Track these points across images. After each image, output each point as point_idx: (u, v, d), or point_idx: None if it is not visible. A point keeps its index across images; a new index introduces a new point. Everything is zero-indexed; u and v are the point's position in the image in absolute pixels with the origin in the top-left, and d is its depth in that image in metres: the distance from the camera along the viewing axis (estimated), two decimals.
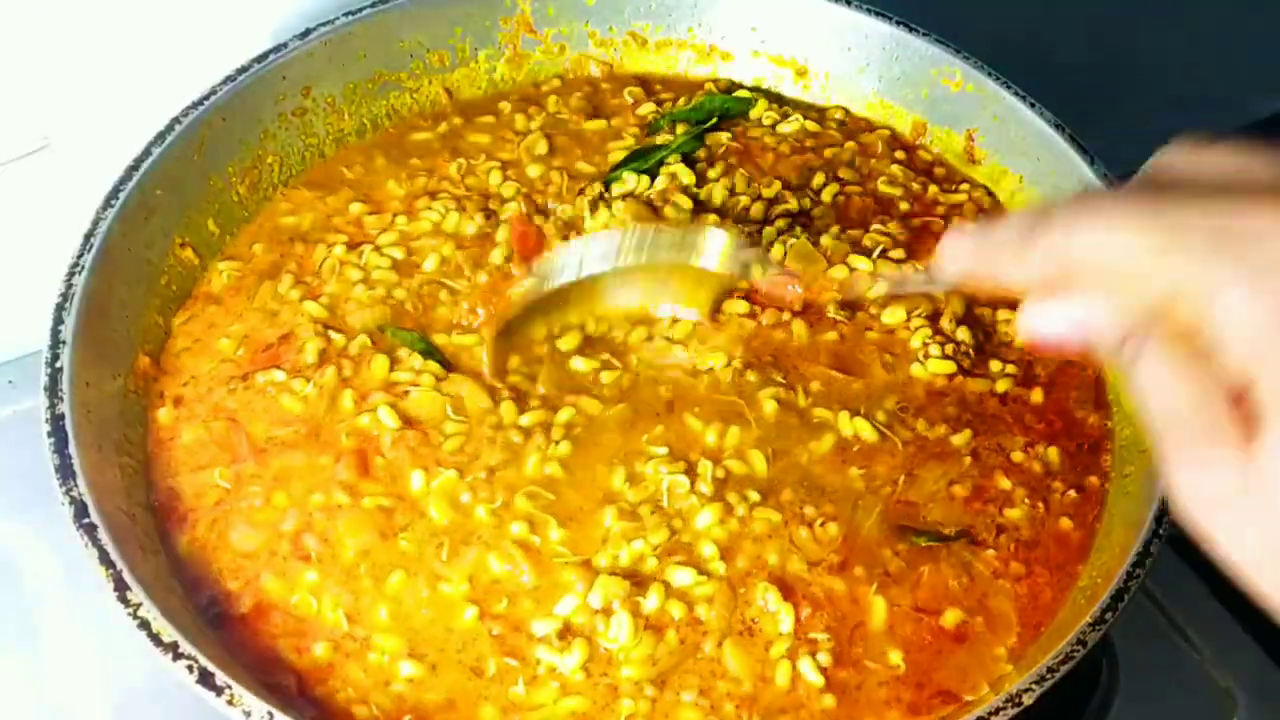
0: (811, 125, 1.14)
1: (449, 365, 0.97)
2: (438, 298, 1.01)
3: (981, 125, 1.11)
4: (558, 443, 0.92)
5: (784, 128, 1.13)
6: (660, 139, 1.12)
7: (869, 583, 0.88)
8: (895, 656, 0.85)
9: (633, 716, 0.82)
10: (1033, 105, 1.07)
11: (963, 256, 0.63)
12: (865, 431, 0.94)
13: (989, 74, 1.09)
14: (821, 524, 0.90)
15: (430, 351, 0.97)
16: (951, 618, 0.87)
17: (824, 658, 0.84)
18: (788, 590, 0.87)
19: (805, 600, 0.86)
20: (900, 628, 0.86)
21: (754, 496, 0.90)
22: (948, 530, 0.90)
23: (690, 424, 0.94)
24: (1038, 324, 0.59)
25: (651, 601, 0.85)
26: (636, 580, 0.86)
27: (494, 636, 0.85)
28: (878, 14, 1.12)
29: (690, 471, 0.91)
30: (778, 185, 1.08)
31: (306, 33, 1.08)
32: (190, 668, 0.77)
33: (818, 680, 0.84)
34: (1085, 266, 0.56)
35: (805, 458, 0.93)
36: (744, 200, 1.07)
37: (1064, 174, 1.05)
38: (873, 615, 0.87)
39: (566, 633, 0.85)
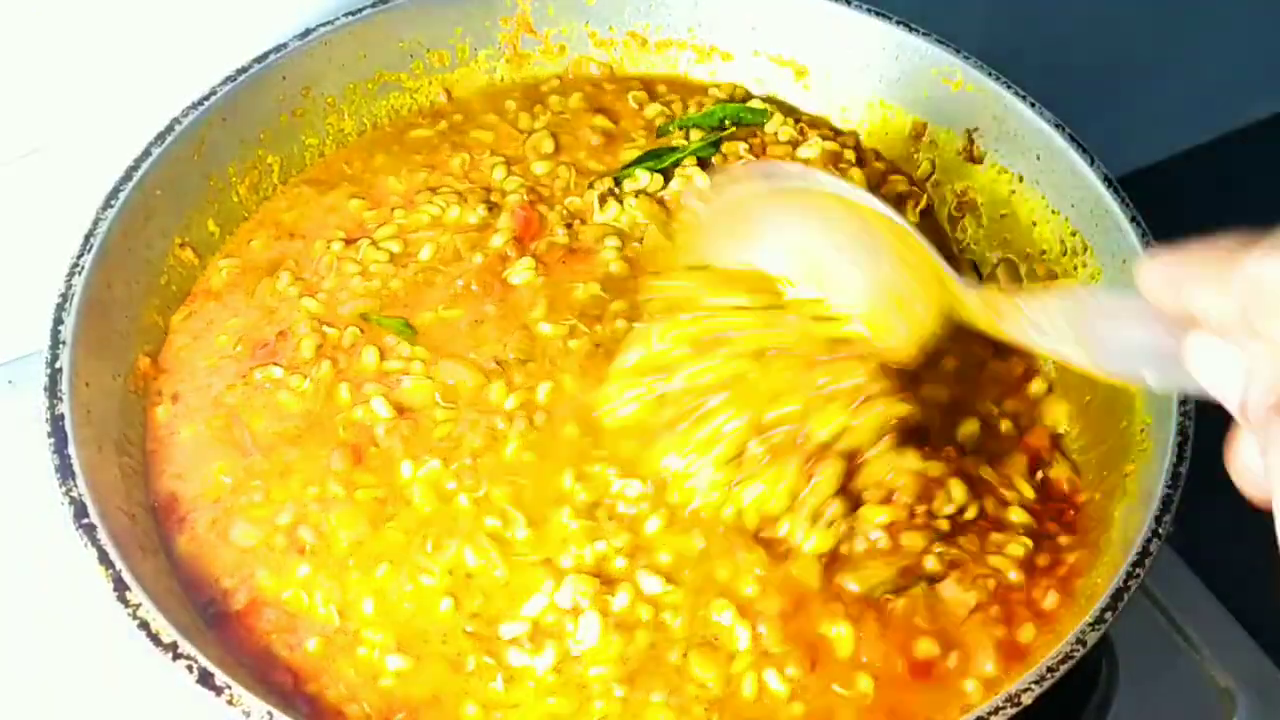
0: (831, 146, 1.12)
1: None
2: (433, 281, 1.02)
3: (981, 125, 1.11)
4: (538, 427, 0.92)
5: (804, 151, 1.12)
6: (674, 141, 1.12)
7: (828, 627, 0.85)
8: (864, 683, 0.83)
9: (605, 718, 0.82)
10: (1033, 105, 1.07)
11: (1159, 279, 0.58)
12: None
13: (989, 74, 1.09)
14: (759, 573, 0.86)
15: (416, 336, 0.98)
16: (924, 648, 0.85)
17: (792, 670, 0.83)
18: (744, 608, 0.85)
19: (762, 618, 0.85)
20: (868, 653, 0.84)
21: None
22: (902, 580, 0.87)
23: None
24: (1201, 364, 0.55)
25: (621, 600, 0.85)
26: (605, 579, 0.86)
27: (468, 634, 0.85)
28: (878, 14, 1.12)
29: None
30: None
31: (306, 33, 1.08)
32: (190, 668, 0.77)
33: (784, 690, 0.83)
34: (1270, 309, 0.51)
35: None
36: None
37: (1064, 174, 1.05)
38: (837, 649, 0.84)
39: (537, 634, 0.84)
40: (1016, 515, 0.91)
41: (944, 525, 0.88)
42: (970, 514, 0.89)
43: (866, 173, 1.12)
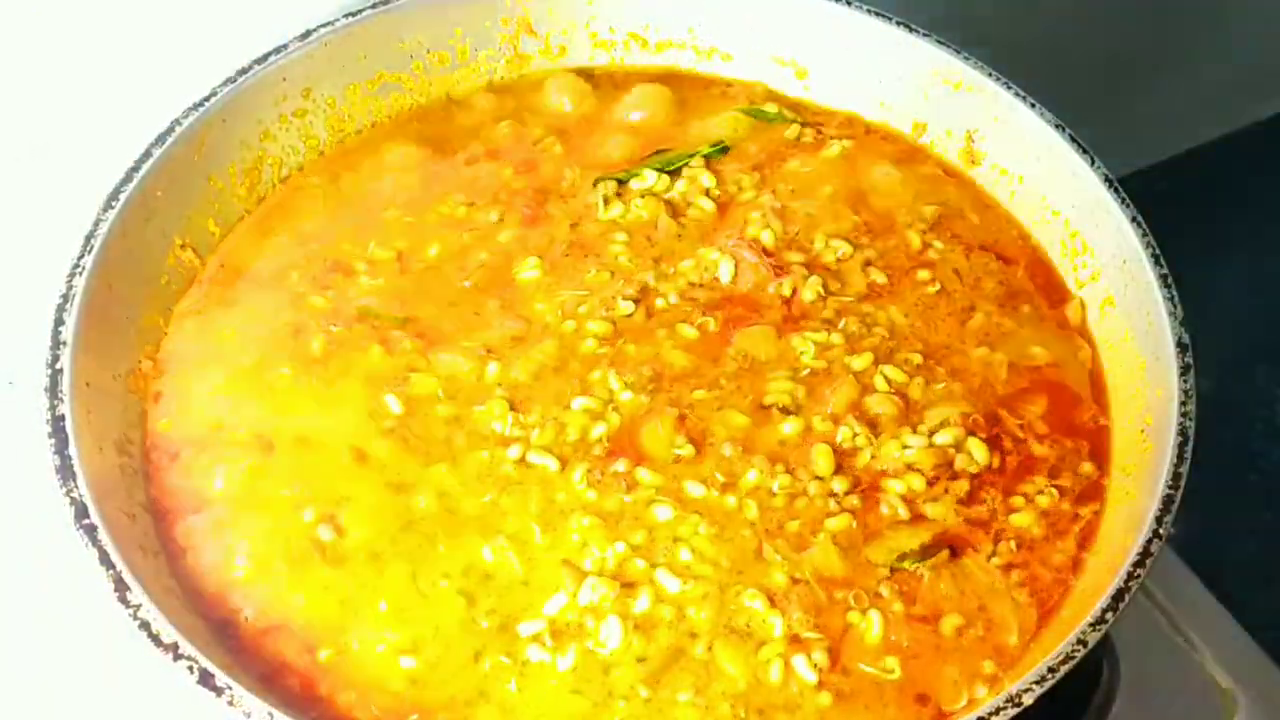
0: (845, 144, 1.13)
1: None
2: (439, 279, 1.02)
3: (981, 125, 1.11)
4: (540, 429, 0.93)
5: (826, 153, 1.12)
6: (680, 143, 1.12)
7: (857, 605, 0.87)
8: (891, 661, 0.85)
9: (629, 718, 0.82)
10: (1033, 105, 1.07)
11: None
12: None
13: (989, 74, 1.09)
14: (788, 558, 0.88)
15: (420, 333, 0.98)
16: (950, 624, 0.87)
17: (819, 656, 0.84)
18: (773, 596, 0.86)
19: (795, 604, 0.86)
20: (896, 634, 0.86)
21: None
22: (926, 550, 0.89)
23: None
24: None
25: (642, 603, 0.85)
26: (625, 582, 0.86)
27: (484, 630, 0.85)
28: (878, 14, 1.12)
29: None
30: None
31: (307, 34, 1.08)
32: (190, 669, 0.77)
33: (813, 678, 0.84)
34: None
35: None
36: (794, 204, 1.07)
37: (1064, 174, 1.05)
38: (866, 628, 0.86)
39: (558, 634, 0.85)
40: (1038, 450, 0.94)
41: (964, 487, 0.91)
42: (994, 464, 0.93)
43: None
